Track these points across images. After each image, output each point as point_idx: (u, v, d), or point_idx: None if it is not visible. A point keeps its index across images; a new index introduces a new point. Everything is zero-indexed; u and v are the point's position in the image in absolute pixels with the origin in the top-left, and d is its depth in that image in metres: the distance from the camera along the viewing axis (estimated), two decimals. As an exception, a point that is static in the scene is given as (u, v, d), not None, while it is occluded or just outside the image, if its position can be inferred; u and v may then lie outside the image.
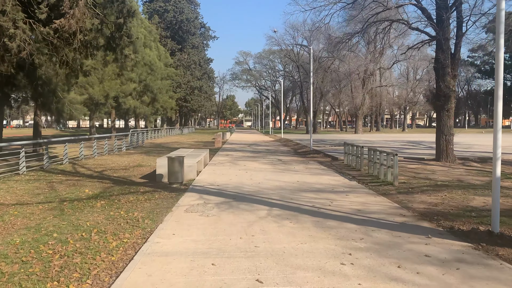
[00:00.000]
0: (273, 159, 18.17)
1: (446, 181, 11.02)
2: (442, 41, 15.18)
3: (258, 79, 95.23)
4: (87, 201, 8.97)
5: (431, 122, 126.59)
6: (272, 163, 16.37)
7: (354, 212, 7.47)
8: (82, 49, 15.36)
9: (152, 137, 40.66)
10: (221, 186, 10.50)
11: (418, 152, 20.41)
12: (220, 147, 27.11)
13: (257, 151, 23.01)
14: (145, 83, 34.70)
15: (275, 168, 14.59)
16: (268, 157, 18.97)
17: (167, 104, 42.65)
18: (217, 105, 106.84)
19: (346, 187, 10.35)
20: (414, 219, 7.04)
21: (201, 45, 67.74)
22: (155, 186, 10.84)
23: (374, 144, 26.60)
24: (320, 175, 12.52)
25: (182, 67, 56.20)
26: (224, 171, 13.67)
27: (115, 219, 7.20)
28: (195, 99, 59.57)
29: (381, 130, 76.38)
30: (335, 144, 28.39)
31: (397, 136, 44.25)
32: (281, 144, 31.23)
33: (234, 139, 39.07)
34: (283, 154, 21.30)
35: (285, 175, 12.51)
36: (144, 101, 34.87)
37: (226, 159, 17.79)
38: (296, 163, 16.41)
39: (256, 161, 17.17)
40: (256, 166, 15.19)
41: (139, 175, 13.32)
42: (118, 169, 15.04)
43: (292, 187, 10.32)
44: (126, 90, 30.86)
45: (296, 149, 24.26)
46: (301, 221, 6.82)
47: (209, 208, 7.77)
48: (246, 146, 28.18)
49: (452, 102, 15.53)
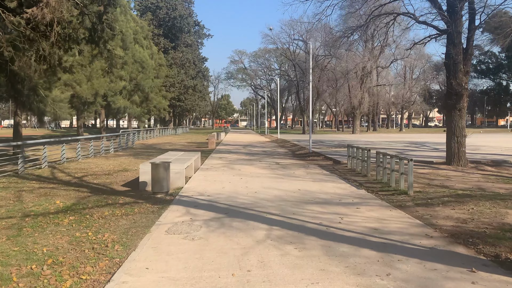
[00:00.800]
0: (270, 162, 16.88)
1: (466, 190, 9.78)
2: (454, 34, 13.95)
3: (253, 78, 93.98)
4: (54, 216, 7.62)
5: (427, 122, 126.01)
6: (270, 167, 15.08)
7: (370, 232, 6.20)
8: (60, 42, 13.98)
9: (144, 138, 39.24)
10: (212, 196, 9.18)
11: (424, 154, 19.21)
12: (214, 148, 25.78)
13: (253, 153, 21.71)
14: (136, 81, 33.27)
15: (273, 173, 13.30)
16: (265, 160, 17.68)
17: (160, 105, 41.22)
18: (212, 105, 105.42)
19: (355, 197, 9.08)
20: (445, 241, 5.78)
21: (195, 43, 66.31)
22: (136, 196, 9.50)
23: (375, 145, 25.38)
24: (323, 182, 11.24)
25: (175, 65, 54.75)
26: (216, 177, 12.36)
27: (80, 243, 5.87)
28: (189, 99, 58.12)
29: (378, 130, 75.36)
30: (334, 145, 27.15)
31: (396, 137, 43.14)
32: (278, 145, 29.96)
33: (228, 140, 37.76)
34: (281, 156, 20.02)
35: (285, 182, 11.22)
36: (134, 100, 33.43)
37: (219, 163, 16.47)
38: (296, 167, 15.13)
39: (252, 164, 15.86)
40: (252, 171, 13.89)
41: (122, 182, 11.97)
42: (100, 175, 13.68)
43: (293, 197, 9.03)
44: (115, 88, 29.43)
45: (294, 151, 22.98)
46: (308, 245, 5.53)
47: (196, 228, 6.46)
48: (241, 147, 26.87)
49: (464, 101, 14.32)
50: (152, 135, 45.62)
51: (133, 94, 33.70)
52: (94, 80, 26.80)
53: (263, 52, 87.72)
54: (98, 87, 26.84)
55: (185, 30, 60.45)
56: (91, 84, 27.06)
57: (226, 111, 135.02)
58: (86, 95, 26.54)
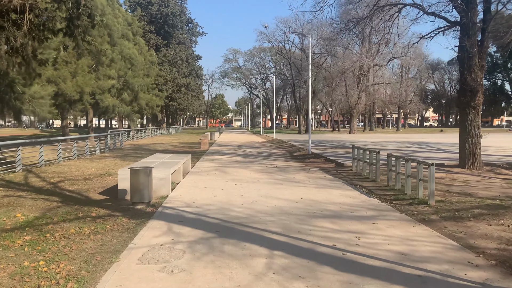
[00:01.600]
0: (267, 165, 15.55)
1: (495, 199, 8.52)
2: (469, 25, 12.72)
3: (248, 77, 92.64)
4: (7, 235, 6.24)
5: (422, 122, 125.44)
6: (267, 170, 13.74)
7: (398, 259, 4.89)
8: (34, 32, 12.53)
9: (135, 138, 37.77)
10: (201, 207, 7.84)
11: (431, 156, 17.98)
12: (206, 149, 24.40)
13: (248, 155, 20.37)
14: (125, 79, 31.73)
15: (270, 178, 11.96)
16: (261, 163, 16.34)
17: (152, 102, 39.65)
18: (206, 104, 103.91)
19: (369, 208, 7.78)
20: (496, 273, 4.49)
21: (188, 41, 64.81)
22: (113, 207, 8.13)
23: (376, 145, 24.16)
24: (329, 189, 9.93)
25: (168, 63, 53.23)
26: (207, 182, 11.01)
27: (25, 276, 4.50)
28: (182, 98, 56.59)
29: (375, 130, 74.38)
30: (333, 145, 25.85)
31: (395, 137, 42.02)
32: (274, 145, 28.64)
33: (222, 140, 36.38)
34: (278, 158, 18.70)
35: (285, 189, 9.89)
36: (124, 99, 31.89)
37: (211, 166, 15.11)
38: (295, 170, 13.81)
39: (247, 167, 14.52)
40: (247, 175, 12.55)
41: (101, 189, 10.58)
42: (78, 180, 12.27)
43: (297, 209, 7.71)
44: (103, 86, 27.89)
45: (291, 152, 21.67)
46: (324, 282, 4.21)
47: (178, 254, 5.11)
48: (235, 148, 25.52)
49: (480, 98, 13.10)
50: (144, 135, 44.11)
51: (122, 93, 32.13)
52: (80, 77, 25.27)
53: (258, 51, 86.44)
54: (83, 84, 25.31)
55: (177, 28, 58.92)
56: (76, 81, 25.52)
57: (220, 111, 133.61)
58: (71, 92, 25.00)
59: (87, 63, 26.08)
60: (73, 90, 25.22)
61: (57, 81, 25.44)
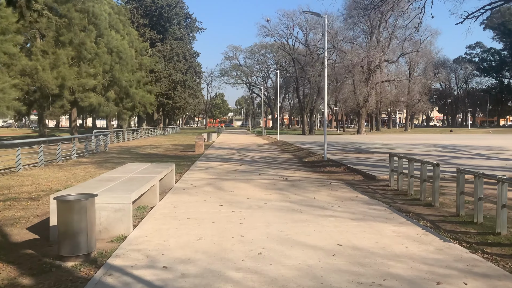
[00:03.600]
0: (274, 176, 12.23)
1: None
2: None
3: (248, 75, 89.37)
4: None
5: (428, 122, 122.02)
6: (276, 185, 10.43)
7: None
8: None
9: (125, 139, 34.48)
10: (172, 270, 4.53)
11: (482, 164, 14.65)
12: (201, 153, 21.13)
13: (249, 161, 17.06)
14: (112, 74, 28.38)
15: (282, 198, 8.66)
16: (267, 173, 13.03)
17: (145, 99, 36.28)
18: (204, 103, 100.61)
19: (461, 269, 4.48)
20: None
21: (186, 37, 61.49)
22: (26, 266, 4.84)
23: (399, 149, 20.90)
24: (373, 221, 6.62)
25: (163, 59, 49.89)
26: (193, 208, 7.70)
27: None
28: (178, 95, 53.17)
29: (381, 130, 71.12)
30: (348, 149, 22.46)
31: (409, 138, 38.72)
32: (279, 149, 25.33)
33: (221, 142, 33.09)
34: (287, 166, 15.38)
35: (308, 223, 6.58)
36: (110, 97, 28.54)
37: (203, 178, 11.80)
38: (313, 185, 10.49)
39: (249, 181, 11.21)
40: (250, 193, 9.25)
41: (37, 218, 7.31)
42: (20, 200, 8.99)
43: (339, 273, 4.40)
44: (85, 84, 24.58)
45: (301, 158, 18.34)
46: None
47: None
48: (235, 152, 22.22)
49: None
50: (137, 136, 40.84)
51: (109, 89, 28.77)
52: (61, 67, 21.94)
53: (259, 48, 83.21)
54: (65, 75, 21.93)
55: (174, 22, 55.59)
56: (58, 71, 22.17)
57: (220, 110, 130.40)
58: (50, 85, 21.65)
59: (66, 54, 22.76)
60: (53, 83, 21.89)
61: (32, 73, 22.16)
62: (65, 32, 22.25)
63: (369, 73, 44.88)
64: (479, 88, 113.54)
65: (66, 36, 22.35)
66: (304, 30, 52.76)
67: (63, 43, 22.65)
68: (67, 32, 22.36)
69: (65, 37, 22.53)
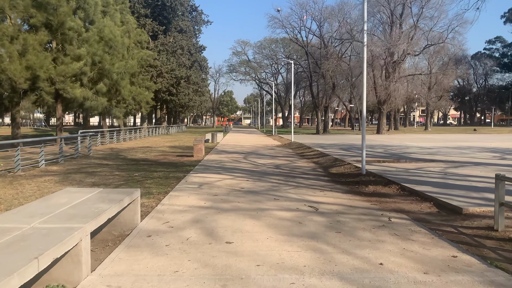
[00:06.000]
0: (297, 202, 8.20)
1: None
2: None
3: (258, 71, 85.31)
4: None
5: (446, 120, 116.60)
6: (304, 226, 6.39)
7: None
8: None
9: (120, 140, 30.75)
10: None
11: None
12: (200, 159, 17.23)
13: (260, 173, 13.06)
14: (101, 65, 24.62)
15: (323, 267, 4.61)
16: (286, 195, 8.99)
17: (141, 97, 32.52)
18: (212, 101, 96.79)
19: None
20: None
21: (191, 29, 57.62)
22: None
23: (443, 155, 16.77)
24: None
25: (165, 52, 46.07)
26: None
27: None
28: (182, 92, 49.27)
29: (400, 129, 66.61)
30: (381, 154, 18.20)
31: (439, 139, 34.39)
32: (295, 153, 21.28)
33: (226, 143, 29.15)
34: (312, 181, 11.32)
35: None
36: (100, 90, 24.74)
37: (189, 208, 7.81)
38: (364, 224, 6.43)
39: (259, 215, 7.18)
40: (261, 250, 5.25)
41: None
42: None
43: None
44: (66, 72, 20.81)
45: (326, 167, 14.23)
46: None
47: None
48: (241, 157, 18.24)
49: None
50: (136, 135, 37.13)
51: (98, 83, 24.99)
52: (31, 55, 18.22)
53: (268, 42, 79.22)
54: (36, 65, 18.21)
55: (178, 13, 51.77)
56: (27, 60, 18.43)
57: (228, 108, 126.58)
58: (17, 77, 17.93)
59: (38, 39, 18.99)
60: (20, 75, 18.16)
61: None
62: (34, 13, 18.58)
63: (393, 66, 40.52)
64: (498, 84, 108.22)
65: (36, 18, 18.63)
66: (318, 21, 48.55)
67: (34, 26, 18.99)
68: (38, 11, 18.66)
69: (35, 19, 18.84)
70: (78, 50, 21.58)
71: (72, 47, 21.60)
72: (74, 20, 21.20)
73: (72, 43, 21.94)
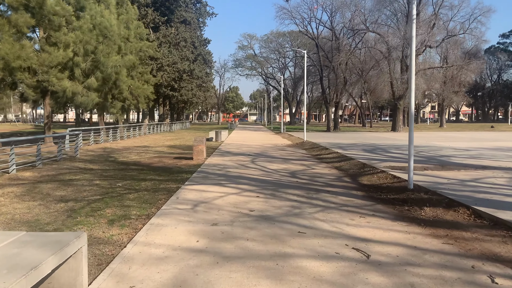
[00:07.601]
0: (333, 240, 5.62)
1: None
2: None
3: (264, 65, 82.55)
4: None
5: (458, 116, 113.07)
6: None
7: None
8: None
9: (117, 138, 28.37)
10: None
11: None
12: (200, 163, 14.70)
13: (272, 184, 10.47)
14: (95, 57, 22.14)
15: None
16: (315, 225, 6.42)
17: (139, 91, 30.05)
18: (217, 97, 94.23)
19: None
20: None
21: (195, 21, 55.01)
22: None
23: (487, 158, 14.08)
24: None
25: (168, 44, 43.54)
26: None
27: None
28: (184, 87, 46.71)
29: (414, 126, 63.59)
30: (416, 158, 15.54)
31: (464, 137, 31.65)
32: (310, 155, 18.66)
33: (231, 142, 26.62)
34: (342, 198, 8.72)
35: None
36: (91, 84, 22.28)
37: (176, 246, 5.26)
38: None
39: (281, 272, 4.66)
40: None
41: None
42: None
43: None
44: (50, 61, 18.32)
45: (354, 176, 11.57)
46: None
47: None
48: (248, 161, 15.65)
49: None
50: (135, 133, 34.74)
51: (90, 76, 22.52)
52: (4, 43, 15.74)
53: (275, 36, 76.47)
54: (7, 55, 15.75)
55: (181, 3, 49.19)
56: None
57: (234, 104, 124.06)
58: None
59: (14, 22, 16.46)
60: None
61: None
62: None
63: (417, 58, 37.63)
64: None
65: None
66: (329, 12, 45.73)
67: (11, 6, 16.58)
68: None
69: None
70: (65, 37, 19.10)
71: (59, 34, 19.10)
72: (59, 4, 18.74)
73: (59, 30, 19.47)
